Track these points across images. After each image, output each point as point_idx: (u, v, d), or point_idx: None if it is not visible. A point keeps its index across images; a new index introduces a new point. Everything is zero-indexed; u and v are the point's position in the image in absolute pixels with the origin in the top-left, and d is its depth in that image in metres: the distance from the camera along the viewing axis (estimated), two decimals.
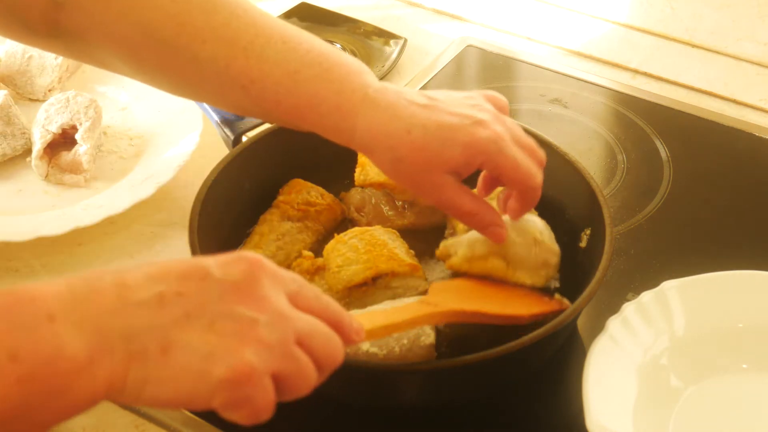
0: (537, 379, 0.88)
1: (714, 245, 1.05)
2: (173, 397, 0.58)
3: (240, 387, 0.58)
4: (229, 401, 0.58)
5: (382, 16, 1.44)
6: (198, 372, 0.58)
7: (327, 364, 0.64)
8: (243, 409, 0.59)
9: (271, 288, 0.62)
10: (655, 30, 1.42)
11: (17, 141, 1.12)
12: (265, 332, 0.60)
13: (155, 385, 0.57)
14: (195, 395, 0.58)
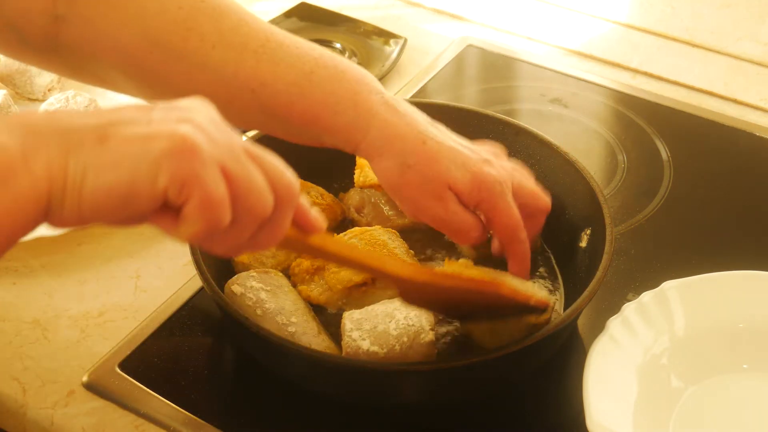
0: (537, 379, 0.88)
1: (714, 245, 1.05)
2: (116, 182, 0.55)
3: (185, 158, 0.55)
4: (176, 177, 0.55)
5: (382, 16, 1.44)
6: (138, 152, 0.55)
7: (282, 189, 0.60)
8: (194, 189, 0.56)
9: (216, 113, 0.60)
10: (655, 30, 1.42)
11: None
12: (209, 127, 0.57)
13: (95, 172, 0.55)
14: (138, 177, 0.55)
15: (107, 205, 0.56)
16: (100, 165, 0.55)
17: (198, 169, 0.56)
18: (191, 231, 0.57)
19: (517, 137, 1.02)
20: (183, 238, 0.58)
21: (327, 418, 0.85)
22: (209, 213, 0.57)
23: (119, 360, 0.89)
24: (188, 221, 0.57)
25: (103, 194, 0.55)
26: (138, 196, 0.56)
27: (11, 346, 0.92)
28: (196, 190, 0.56)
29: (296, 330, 0.86)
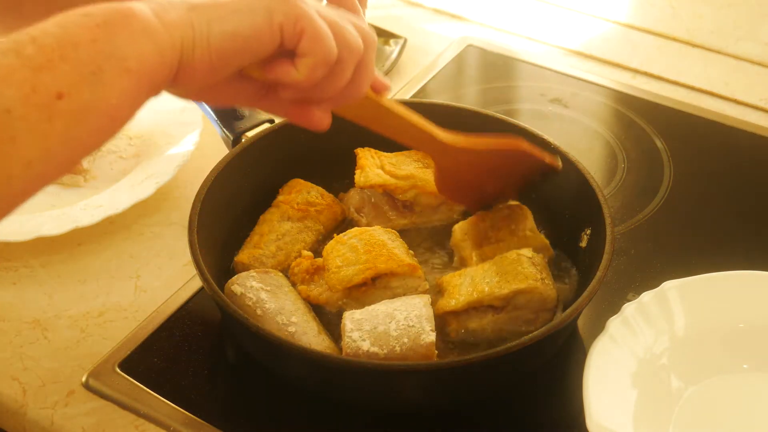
0: (537, 379, 0.88)
1: (714, 245, 1.05)
2: (239, 27, 0.64)
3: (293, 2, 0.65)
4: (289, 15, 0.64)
5: (382, 16, 1.44)
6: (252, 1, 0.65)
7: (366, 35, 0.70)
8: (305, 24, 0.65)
9: None
10: (655, 30, 1.42)
11: None
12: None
13: (218, 21, 0.63)
14: (257, 19, 0.64)
15: (233, 48, 0.64)
16: (221, 15, 0.64)
17: (305, 8, 0.65)
18: (309, 63, 0.67)
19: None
20: (303, 76, 0.67)
21: (327, 418, 0.85)
22: (321, 43, 0.66)
23: (119, 360, 0.89)
24: (305, 54, 0.66)
25: (229, 38, 0.64)
26: (260, 35, 0.65)
27: (11, 346, 0.92)
28: (307, 24, 0.65)
29: (296, 330, 0.85)
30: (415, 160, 1.02)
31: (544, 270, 0.90)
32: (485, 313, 0.88)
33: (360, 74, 0.71)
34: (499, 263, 0.90)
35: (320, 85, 0.69)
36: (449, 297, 0.89)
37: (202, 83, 0.66)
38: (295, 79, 0.68)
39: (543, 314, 0.89)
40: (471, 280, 0.89)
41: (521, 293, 0.87)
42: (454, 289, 0.89)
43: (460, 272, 0.91)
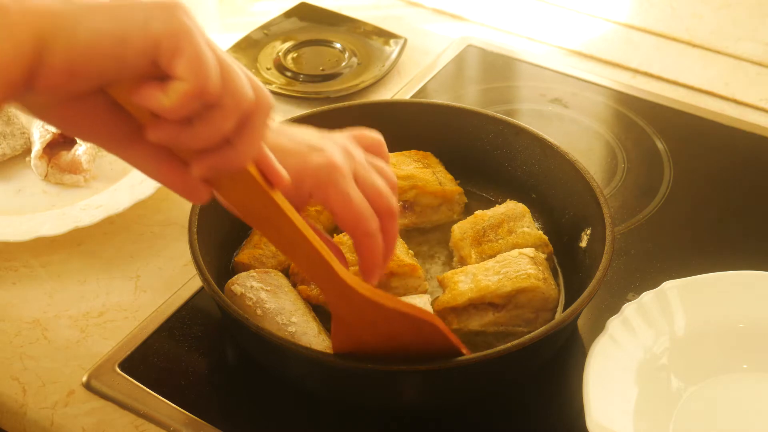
0: (537, 379, 0.88)
1: (714, 245, 1.05)
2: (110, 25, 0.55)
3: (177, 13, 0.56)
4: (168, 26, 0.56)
5: (382, 16, 1.44)
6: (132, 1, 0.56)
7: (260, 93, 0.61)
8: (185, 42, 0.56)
9: None
10: (655, 30, 1.41)
11: (17, 141, 1.12)
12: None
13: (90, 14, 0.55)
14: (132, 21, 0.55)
15: (100, 50, 0.55)
16: (93, 8, 0.55)
17: (190, 24, 0.56)
18: (180, 89, 0.56)
19: (517, 137, 1.02)
20: (170, 103, 0.57)
21: (327, 418, 0.85)
22: (199, 69, 0.56)
23: (119, 360, 0.89)
24: (178, 77, 0.56)
25: (97, 36, 0.55)
26: (130, 41, 0.55)
27: (11, 346, 0.92)
28: (187, 43, 0.56)
29: (296, 330, 0.85)
30: (415, 160, 1.02)
31: (546, 270, 0.90)
32: (486, 312, 0.88)
33: (243, 135, 0.60)
34: (501, 261, 0.90)
35: (191, 130, 0.59)
36: (450, 293, 0.89)
37: (60, 92, 0.57)
38: (162, 104, 0.57)
39: (544, 314, 0.89)
40: (473, 277, 0.89)
41: (523, 292, 0.87)
42: (456, 285, 0.89)
43: (462, 269, 0.91)
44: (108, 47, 0.55)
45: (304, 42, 1.34)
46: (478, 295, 0.87)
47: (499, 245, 0.94)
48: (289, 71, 1.28)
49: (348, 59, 1.30)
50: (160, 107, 0.57)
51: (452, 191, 1.01)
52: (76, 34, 0.54)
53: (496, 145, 1.04)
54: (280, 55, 1.31)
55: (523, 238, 0.95)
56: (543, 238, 0.95)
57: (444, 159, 1.04)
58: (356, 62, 1.30)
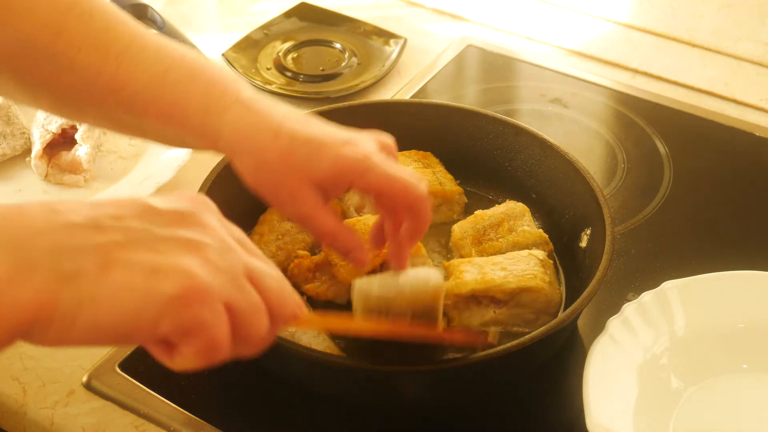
0: (537, 379, 0.88)
1: (714, 245, 1.05)
2: (114, 321, 0.52)
3: (192, 306, 0.53)
4: (180, 324, 0.53)
5: (382, 16, 1.44)
6: (143, 289, 0.52)
7: (279, 311, 0.60)
8: (197, 336, 0.54)
9: (218, 221, 0.59)
10: (655, 30, 1.42)
11: (17, 141, 1.12)
12: (214, 255, 0.55)
13: (92, 306, 0.51)
14: (139, 318, 0.52)
15: (99, 338, 0.53)
16: (98, 299, 0.51)
17: (204, 316, 0.54)
18: (186, 367, 0.56)
19: (517, 137, 1.02)
20: (175, 369, 0.57)
21: (327, 418, 0.85)
22: (209, 355, 0.56)
23: (119, 360, 0.89)
24: (185, 360, 0.56)
25: (98, 330, 0.52)
26: (135, 336, 0.53)
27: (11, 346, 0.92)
28: (199, 337, 0.55)
29: (296, 330, 0.85)
30: (415, 160, 1.02)
31: (552, 274, 0.91)
32: (486, 309, 0.88)
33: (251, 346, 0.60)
34: (510, 258, 0.90)
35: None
36: (455, 281, 0.89)
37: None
38: (167, 365, 0.57)
39: (544, 317, 0.89)
40: (479, 269, 0.89)
41: (527, 291, 0.87)
42: (461, 274, 0.89)
43: (468, 259, 0.92)
44: (110, 337, 0.53)
45: (304, 42, 1.34)
46: (483, 287, 0.87)
47: (500, 244, 0.94)
48: (289, 71, 1.28)
49: (348, 59, 1.30)
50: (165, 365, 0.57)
51: (452, 191, 1.01)
52: (75, 324, 0.52)
53: (496, 145, 1.04)
54: (280, 55, 1.31)
55: (524, 236, 0.95)
56: (543, 236, 0.95)
57: (444, 159, 1.04)
58: (356, 62, 1.30)
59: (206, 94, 0.77)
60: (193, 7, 1.50)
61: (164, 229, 0.55)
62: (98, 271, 0.51)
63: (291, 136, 0.76)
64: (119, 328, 0.52)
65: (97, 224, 0.53)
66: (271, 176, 0.77)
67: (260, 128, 0.77)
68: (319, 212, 0.77)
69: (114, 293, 0.52)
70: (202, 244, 0.56)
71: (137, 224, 0.55)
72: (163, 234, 0.55)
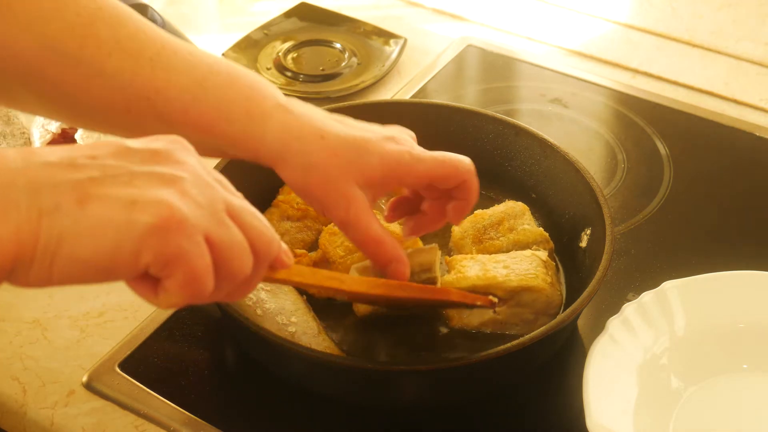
0: (537, 379, 0.88)
1: (714, 245, 1.05)
2: (94, 254, 0.52)
3: (171, 235, 0.53)
4: (160, 255, 0.54)
5: (382, 16, 1.44)
6: (121, 221, 0.52)
7: (262, 250, 0.60)
8: (178, 267, 0.54)
9: (195, 159, 0.58)
10: (655, 30, 1.41)
11: (16, 141, 1.12)
12: (192, 189, 0.56)
13: (72, 241, 0.52)
14: (119, 250, 0.53)
15: (81, 274, 0.53)
16: (77, 233, 0.52)
17: (183, 246, 0.54)
18: (172, 303, 0.56)
19: (517, 137, 1.02)
20: (162, 306, 0.57)
21: (327, 418, 0.85)
22: (192, 288, 0.56)
23: (119, 360, 0.89)
24: (169, 294, 0.56)
25: (79, 264, 0.53)
26: (117, 269, 0.54)
27: (11, 346, 0.92)
28: (180, 267, 0.55)
29: (296, 330, 0.86)
30: None
31: (554, 276, 0.91)
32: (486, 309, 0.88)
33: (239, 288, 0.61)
34: (513, 257, 0.90)
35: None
36: (456, 275, 0.89)
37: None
38: (156, 305, 0.58)
39: (543, 318, 0.89)
40: (482, 266, 0.89)
41: (528, 290, 0.87)
42: (463, 268, 0.89)
43: (471, 255, 0.91)
44: (90, 273, 0.54)
45: (304, 42, 1.34)
46: (484, 283, 0.87)
47: (501, 242, 0.94)
48: (289, 71, 1.28)
49: (348, 59, 1.30)
50: (154, 304, 0.58)
51: None
52: (55, 258, 0.52)
53: (496, 145, 1.04)
54: (280, 55, 1.31)
55: (525, 235, 0.95)
56: (544, 234, 0.95)
57: None
58: (356, 62, 1.30)
59: (248, 99, 0.77)
60: (193, 7, 1.49)
61: (141, 166, 0.55)
62: (76, 206, 0.52)
63: (336, 136, 0.77)
64: (100, 262, 0.53)
65: (73, 162, 0.54)
66: (320, 178, 0.77)
67: (305, 131, 0.77)
68: (369, 215, 0.78)
69: (93, 226, 0.52)
70: (180, 178, 0.56)
71: (113, 162, 0.55)
72: (140, 170, 0.55)
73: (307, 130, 0.77)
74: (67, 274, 0.53)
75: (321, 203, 0.78)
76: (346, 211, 0.77)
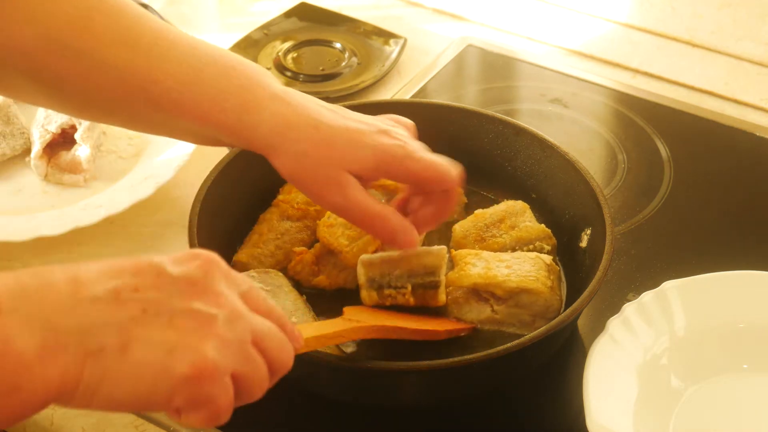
0: (537, 379, 0.88)
1: (714, 245, 1.05)
2: (131, 396, 0.56)
3: (202, 385, 0.57)
4: (190, 400, 0.57)
5: (382, 16, 1.44)
6: (159, 368, 0.56)
7: (279, 367, 0.63)
8: (204, 409, 0.58)
9: (225, 285, 0.61)
10: (655, 30, 1.41)
11: (16, 141, 1.12)
12: (224, 330, 0.59)
13: (113, 383, 0.55)
14: (154, 394, 0.56)
15: (115, 408, 0.57)
16: (118, 377, 0.55)
17: (213, 393, 0.58)
18: (191, 426, 0.60)
19: (517, 137, 1.02)
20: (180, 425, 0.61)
21: (327, 418, 0.85)
22: (213, 421, 0.59)
23: None
24: (191, 422, 0.59)
25: (116, 403, 0.56)
26: (149, 408, 0.58)
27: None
28: (206, 408, 0.58)
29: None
30: None
31: (556, 280, 0.91)
32: (485, 305, 0.88)
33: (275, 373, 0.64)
34: (518, 258, 0.90)
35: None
36: (458, 273, 0.89)
37: None
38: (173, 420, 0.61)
39: (540, 321, 0.89)
40: (485, 264, 0.89)
41: (527, 292, 0.87)
42: (466, 266, 0.89)
43: (477, 252, 0.92)
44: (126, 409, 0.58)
45: (304, 42, 1.34)
46: (484, 281, 0.87)
47: (503, 240, 0.94)
48: (289, 71, 1.28)
49: (348, 59, 1.30)
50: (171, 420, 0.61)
51: None
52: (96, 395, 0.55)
53: (496, 145, 1.04)
54: (280, 55, 1.31)
55: (527, 231, 0.95)
56: (546, 231, 0.95)
57: None
58: (356, 62, 1.30)
59: (244, 89, 0.78)
60: (193, 7, 1.49)
61: (180, 300, 0.58)
62: (120, 348, 0.55)
63: (330, 126, 0.78)
64: (135, 401, 0.57)
65: (118, 297, 0.56)
66: (312, 165, 0.78)
67: (299, 121, 0.78)
68: (364, 194, 0.79)
69: (133, 370, 0.55)
70: (214, 318, 0.58)
71: (154, 295, 0.57)
72: (179, 307, 0.58)
73: (301, 120, 0.78)
74: (104, 407, 0.56)
75: (315, 190, 0.80)
76: (343, 196, 0.79)
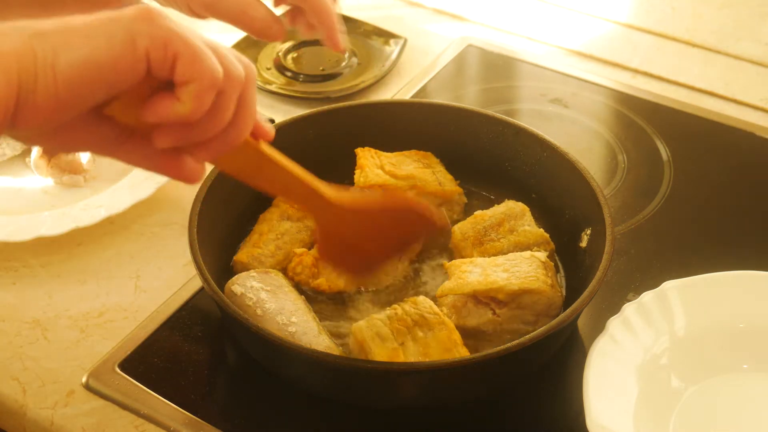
0: (537, 379, 0.88)
1: (714, 245, 1.05)
2: (92, 53, 0.54)
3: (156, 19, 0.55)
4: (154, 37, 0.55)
5: (382, 16, 1.44)
6: (108, 23, 0.55)
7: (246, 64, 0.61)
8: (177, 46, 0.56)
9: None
10: (655, 30, 1.41)
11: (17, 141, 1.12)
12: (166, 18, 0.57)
13: (67, 47, 0.54)
14: (115, 43, 0.54)
15: (85, 79, 0.54)
16: (70, 41, 0.54)
17: (174, 27, 0.56)
18: (193, 90, 0.57)
19: (517, 137, 1.02)
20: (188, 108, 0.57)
21: (327, 418, 0.85)
22: (203, 64, 0.57)
23: (119, 360, 0.89)
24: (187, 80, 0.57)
25: (80, 67, 0.54)
26: (118, 63, 0.55)
27: (11, 346, 0.92)
28: (180, 45, 0.56)
29: (296, 330, 0.86)
30: (415, 160, 1.02)
31: (554, 277, 0.91)
32: (485, 310, 0.88)
33: (242, 112, 0.61)
34: (512, 260, 0.90)
35: (200, 124, 0.59)
36: (456, 281, 0.89)
37: (50, 123, 0.56)
38: (180, 113, 0.57)
39: (544, 319, 0.89)
40: (482, 270, 0.89)
41: (529, 293, 0.87)
42: (463, 274, 0.89)
43: (470, 260, 0.91)
44: (94, 74, 0.55)
45: (304, 42, 1.34)
46: (485, 288, 0.87)
47: (501, 244, 0.94)
48: (289, 71, 1.28)
49: (348, 59, 1.30)
50: (177, 116, 0.58)
51: (452, 191, 1.01)
52: (56, 67, 0.54)
53: (496, 145, 1.04)
54: (280, 55, 1.31)
55: (525, 236, 0.95)
56: (545, 235, 0.95)
57: (444, 159, 1.04)
58: (356, 62, 1.30)
59: None
60: None
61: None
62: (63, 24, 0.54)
63: None
64: (99, 57, 0.54)
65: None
66: None
67: None
68: None
69: (83, 32, 0.54)
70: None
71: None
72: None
73: None
74: (72, 80, 0.54)
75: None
76: None
